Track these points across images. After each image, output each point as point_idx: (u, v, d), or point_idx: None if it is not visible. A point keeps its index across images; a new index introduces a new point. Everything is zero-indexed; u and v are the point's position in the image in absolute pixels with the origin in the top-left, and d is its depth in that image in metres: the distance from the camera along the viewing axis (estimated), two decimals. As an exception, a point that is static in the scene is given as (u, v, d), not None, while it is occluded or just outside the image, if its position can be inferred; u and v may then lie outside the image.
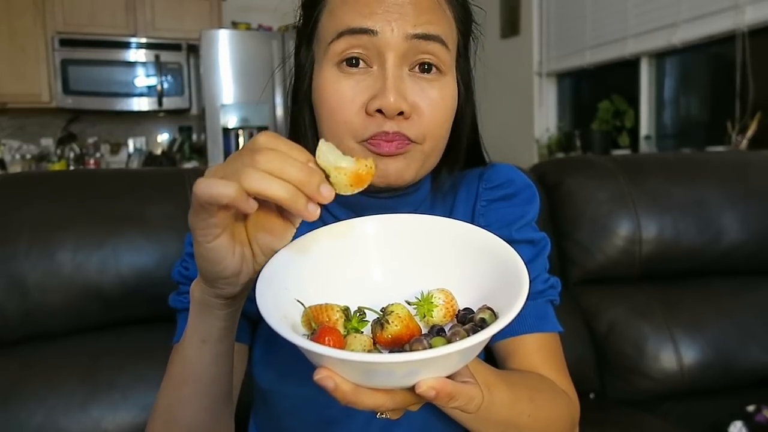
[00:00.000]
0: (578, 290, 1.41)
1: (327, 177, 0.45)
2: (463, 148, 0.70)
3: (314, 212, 0.43)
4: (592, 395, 1.36)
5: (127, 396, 0.98)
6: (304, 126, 0.68)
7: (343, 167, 0.45)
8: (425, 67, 0.60)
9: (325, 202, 0.43)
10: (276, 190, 0.41)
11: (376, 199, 0.66)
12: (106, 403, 0.97)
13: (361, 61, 0.60)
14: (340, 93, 0.60)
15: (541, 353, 0.67)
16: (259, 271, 0.48)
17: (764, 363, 1.35)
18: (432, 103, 0.60)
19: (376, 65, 0.60)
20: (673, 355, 1.33)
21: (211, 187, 0.39)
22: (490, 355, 0.71)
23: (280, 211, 0.47)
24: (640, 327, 1.35)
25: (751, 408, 1.20)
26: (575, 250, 1.39)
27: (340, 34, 0.60)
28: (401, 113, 0.58)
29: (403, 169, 0.61)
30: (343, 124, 0.60)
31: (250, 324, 0.70)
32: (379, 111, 0.58)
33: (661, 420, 1.27)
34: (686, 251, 1.40)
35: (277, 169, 0.41)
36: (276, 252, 0.49)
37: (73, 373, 0.98)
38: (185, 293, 0.68)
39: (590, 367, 1.36)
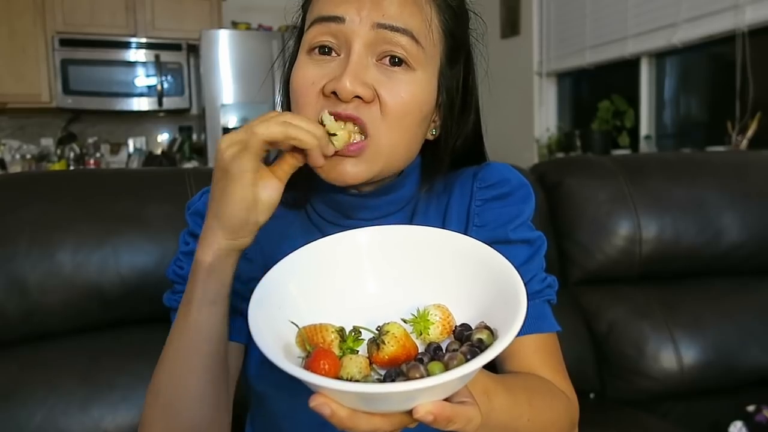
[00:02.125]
0: (578, 290, 1.41)
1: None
2: (447, 155, 0.69)
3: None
4: (592, 395, 1.36)
5: (127, 396, 0.98)
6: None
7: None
8: (395, 60, 0.60)
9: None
10: (293, 132, 0.51)
11: (359, 198, 0.66)
12: (106, 403, 0.97)
13: (331, 50, 0.61)
14: (305, 78, 0.61)
15: (539, 354, 0.67)
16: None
17: (764, 363, 1.35)
18: (394, 94, 0.60)
19: (344, 53, 0.60)
20: (673, 355, 1.33)
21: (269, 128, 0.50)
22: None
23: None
24: (640, 327, 1.35)
25: (751, 408, 1.20)
26: (575, 250, 1.39)
27: (312, 23, 0.61)
28: (359, 98, 0.58)
29: (357, 171, 0.60)
30: (303, 108, 0.61)
31: (246, 323, 0.70)
32: (334, 94, 0.59)
33: (661, 420, 1.27)
34: (686, 251, 1.40)
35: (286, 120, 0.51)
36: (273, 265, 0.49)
37: (73, 373, 0.98)
38: (180, 292, 0.68)
39: (590, 367, 1.36)
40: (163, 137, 4.66)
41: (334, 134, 0.55)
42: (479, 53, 0.71)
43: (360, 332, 0.48)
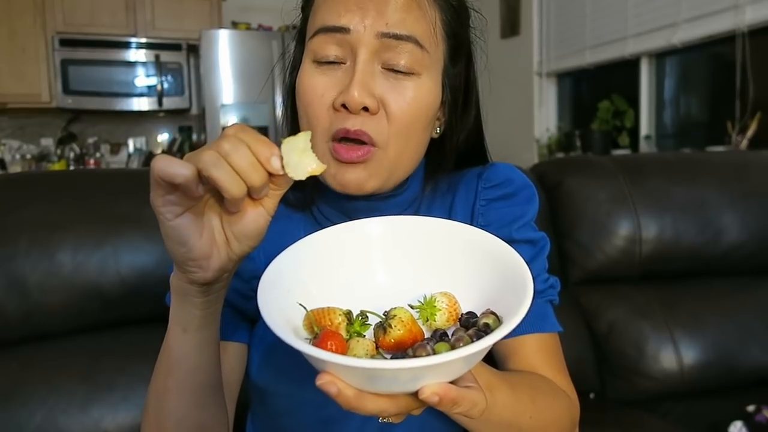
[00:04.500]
0: (578, 290, 1.41)
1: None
2: (452, 151, 0.69)
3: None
4: (592, 395, 1.36)
5: (127, 396, 0.98)
6: (286, 120, 0.69)
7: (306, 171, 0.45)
8: (398, 68, 0.60)
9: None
10: (216, 172, 0.42)
11: (364, 202, 0.67)
12: (106, 403, 0.97)
13: (335, 59, 0.61)
14: (313, 89, 0.61)
15: (541, 353, 0.67)
16: (236, 262, 0.49)
17: (764, 363, 1.35)
18: (401, 101, 0.60)
19: (349, 61, 0.61)
20: (673, 355, 1.33)
21: (168, 165, 0.41)
22: (489, 355, 0.71)
23: (249, 195, 0.46)
24: (640, 327, 1.35)
25: (751, 408, 1.20)
26: (575, 250, 1.39)
27: (316, 32, 0.61)
28: (366, 109, 0.59)
29: (364, 179, 0.61)
30: (315, 120, 0.61)
31: (249, 323, 0.70)
32: (344, 106, 0.59)
33: (661, 420, 1.27)
34: (686, 251, 1.40)
35: (228, 154, 0.42)
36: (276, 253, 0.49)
37: (73, 373, 0.98)
38: None
39: (590, 367, 1.36)
40: (163, 137, 4.66)
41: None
42: (479, 48, 0.71)
43: (367, 317, 0.48)
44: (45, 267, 0.97)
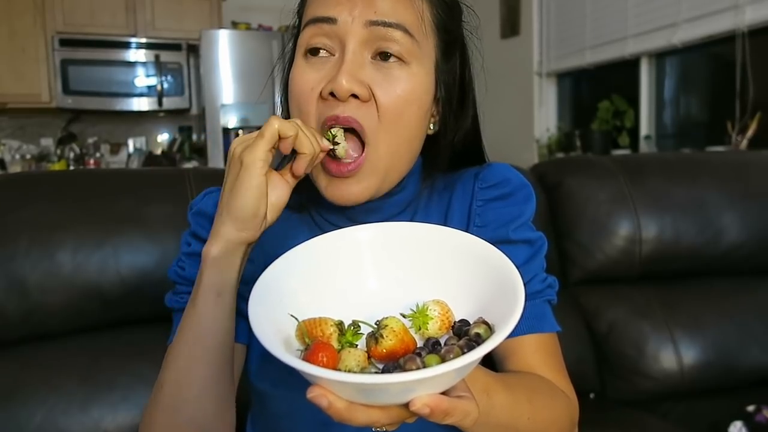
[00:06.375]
0: (578, 290, 1.41)
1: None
2: (447, 149, 0.69)
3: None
4: (592, 395, 1.36)
5: (127, 396, 0.98)
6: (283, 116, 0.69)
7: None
8: (389, 55, 0.61)
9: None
10: (302, 134, 0.54)
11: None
12: (106, 403, 0.97)
13: (324, 50, 0.61)
14: (304, 82, 0.62)
15: (539, 353, 0.67)
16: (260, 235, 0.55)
17: (764, 363, 1.35)
18: (391, 90, 0.60)
19: (338, 52, 0.61)
20: (673, 355, 1.33)
21: (284, 125, 0.53)
22: (488, 355, 0.70)
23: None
24: (640, 327, 1.35)
25: (751, 408, 1.20)
26: (575, 250, 1.39)
27: (306, 24, 0.62)
28: (355, 96, 0.59)
29: (357, 192, 0.62)
30: (306, 114, 0.62)
31: (248, 323, 0.70)
32: (332, 95, 0.59)
33: (661, 420, 1.27)
34: (686, 251, 1.40)
35: (297, 127, 0.54)
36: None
37: (73, 373, 0.98)
38: (181, 293, 0.68)
39: (590, 367, 1.36)
40: (163, 137, 4.66)
41: (338, 143, 0.59)
42: (474, 47, 0.71)
43: (359, 326, 0.48)
44: (45, 267, 0.97)
